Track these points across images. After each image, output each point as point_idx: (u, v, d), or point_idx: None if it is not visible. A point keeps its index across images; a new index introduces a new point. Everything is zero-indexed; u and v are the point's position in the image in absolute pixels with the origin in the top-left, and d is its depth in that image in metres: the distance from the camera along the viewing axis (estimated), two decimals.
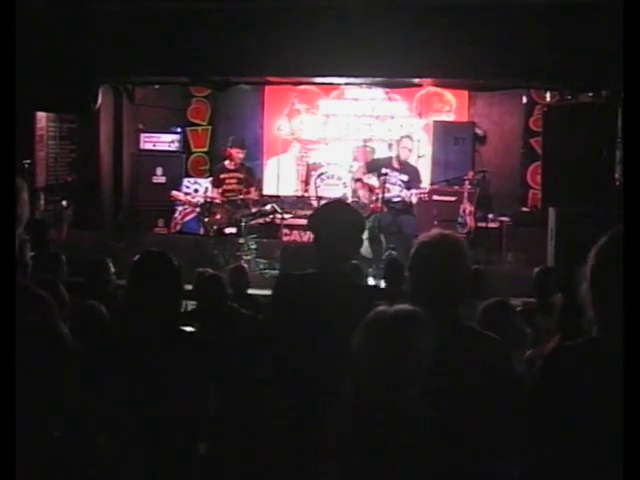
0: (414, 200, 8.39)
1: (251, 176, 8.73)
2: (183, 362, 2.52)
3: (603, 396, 1.69)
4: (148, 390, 2.43)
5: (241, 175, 8.59)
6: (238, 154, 8.58)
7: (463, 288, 2.34)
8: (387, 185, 8.41)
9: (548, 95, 8.75)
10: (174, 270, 2.64)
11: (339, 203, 3.74)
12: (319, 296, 2.75)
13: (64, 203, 7.63)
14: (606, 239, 1.75)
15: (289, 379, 2.75)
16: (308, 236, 8.36)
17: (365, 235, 8.65)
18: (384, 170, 8.41)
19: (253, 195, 8.57)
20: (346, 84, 9.85)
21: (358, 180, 8.82)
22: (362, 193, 8.69)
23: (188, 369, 2.52)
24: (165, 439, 2.47)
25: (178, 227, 10.12)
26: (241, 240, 8.36)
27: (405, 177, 8.44)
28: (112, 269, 5.16)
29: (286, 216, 8.93)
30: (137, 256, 2.67)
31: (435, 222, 8.25)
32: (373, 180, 8.57)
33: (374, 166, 8.77)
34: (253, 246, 8.39)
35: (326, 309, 2.69)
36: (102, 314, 3.86)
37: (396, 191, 8.42)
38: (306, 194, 10.25)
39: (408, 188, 8.41)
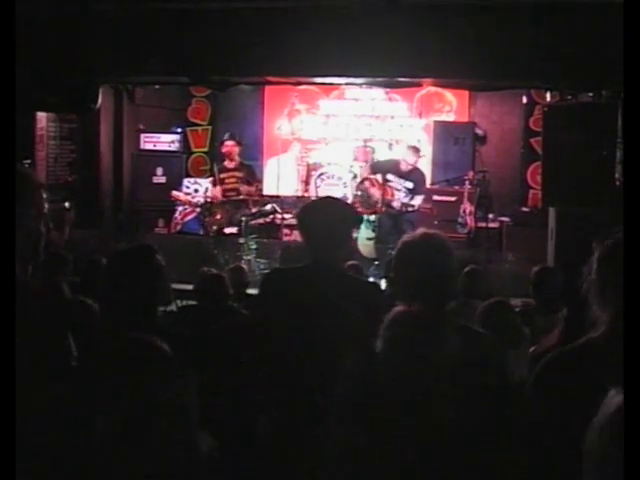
0: (416, 205, 8.41)
1: (251, 174, 8.72)
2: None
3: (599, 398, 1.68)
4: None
5: (241, 174, 8.58)
6: (233, 147, 8.59)
7: (448, 286, 2.34)
8: (388, 189, 8.42)
9: (548, 95, 8.74)
10: (152, 263, 2.58)
11: (327, 199, 3.78)
12: (306, 287, 2.81)
13: (67, 204, 7.57)
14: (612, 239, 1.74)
15: (279, 369, 2.80)
16: None
17: (371, 235, 8.69)
18: (389, 176, 8.42)
19: (253, 193, 8.56)
20: (346, 84, 9.85)
21: (367, 179, 8.79)
22: (374, 192, 8.68)
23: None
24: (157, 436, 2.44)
25: (178, 227, 10.12)
26: (241, 240, 8.35)
27: (410, 184, 8.43)
28: None
29: (286, 216, 8.90)
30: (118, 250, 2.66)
31: (435, 222, 8.27)
32: (380, 180, 8.58)
33: (376, 168, 8.77)
34: (253, 246, 8.39)
35: (314, 299, 2.76)
36: (94, 311, 3.84)
37: (400, 197, 8.42)
38: (306, 194, 10.23)
39: (412, 195, 8.41)
